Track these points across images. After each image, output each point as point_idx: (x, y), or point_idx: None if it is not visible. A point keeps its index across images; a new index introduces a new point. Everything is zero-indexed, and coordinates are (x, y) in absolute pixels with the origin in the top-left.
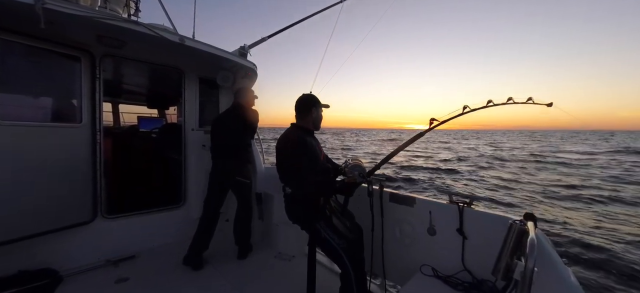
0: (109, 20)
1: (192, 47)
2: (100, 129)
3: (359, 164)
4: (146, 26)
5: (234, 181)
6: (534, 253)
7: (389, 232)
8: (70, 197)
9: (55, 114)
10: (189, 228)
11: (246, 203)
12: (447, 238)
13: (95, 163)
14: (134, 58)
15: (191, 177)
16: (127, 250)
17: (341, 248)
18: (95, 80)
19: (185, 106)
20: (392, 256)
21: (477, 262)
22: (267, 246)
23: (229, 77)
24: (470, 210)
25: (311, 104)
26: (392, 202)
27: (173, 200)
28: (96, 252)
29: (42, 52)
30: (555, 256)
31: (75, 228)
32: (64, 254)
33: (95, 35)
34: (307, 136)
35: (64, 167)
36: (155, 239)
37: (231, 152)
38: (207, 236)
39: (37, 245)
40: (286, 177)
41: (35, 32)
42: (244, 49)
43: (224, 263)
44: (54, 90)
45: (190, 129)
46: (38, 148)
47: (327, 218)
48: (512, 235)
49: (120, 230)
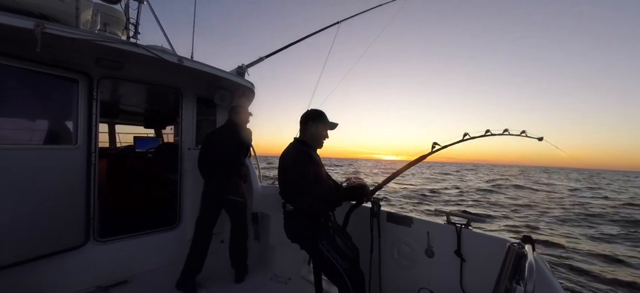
0: (109, 43)
1: (190, 67)
2: (95, 150)
3: (362, 184)
4: (145, 48)
5: (226, 200)
6: (534, 277)
7: (387, 252)
8: (62, 220)
9: (50, 136)
10: (185, 250)
11: (241, 222)
12: (445, 260)
13: (89, 186)
14: (132, 79)
15: (187, 196)
16: (120, 274)
17: (343, 269)
18: (93, 101)
19: (182, 125)
20: (390, 278)
21: (476, 285)
22: (262, 268)
23: (227, 96)
24: (467, 231)
25: (309, 117)
26: (390, 221)
27: (168, 221)
28: (87, 277)
29: (40, 75)
30: (553, 280)
31: (66, 253)
32: (54, 279)
33: (94, 58)
34: (310, 150)
35: (57, 190)
36: (149, 262)
37: (224, 171)
38: (200, 258)
39: (27, 270)
40: (289, 192)
41: (33, 56)
42: (241, 68)
43: (219, 286)
44: (50, 112)
45: (187, 148)
46: (31, 171)
47: (330, 237)
48: (510, 258)
49: (113, 254)
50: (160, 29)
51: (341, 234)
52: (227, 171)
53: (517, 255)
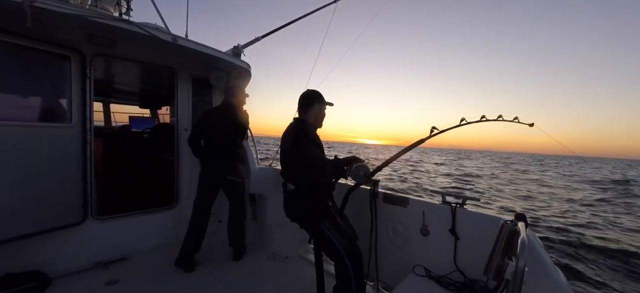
0: (100, 19)
1: (185, 46)
2: (90, 128)
3: (363, 165)
4: (138, 25)
5: (225, 180)
6: (525, 253)
7: (383, 232)
8: (59, 198)
9: (44, 114)
10: (182, 229)
11: (239, 203)
12: (440, 239)
13: (85, 164)
14: (125, 57)
15: (184, 177)
16: (118, 251)
17: (343, 248)
18: (86, 79)
19: (178, 106)
20: (386, 257)
21: (469, 262)
22: (260, 247)
23: (223, 76)
24: (462, 210)
25: (313, 98)
26: (386, 202)
27: (166, 200)
28: (86, 253)
29: (31, 51)
30: (545, 256)
31: (64, 230)
32: (53, 256)
33: (85, 34)
34: (312, 129)
35: (53, 168)
36: (147, 240)
37: (221, 152)
38: (199, 237)
39: (25, 247)
40: (291, 171)
41: (23, 30)
42: (237, 48)
43: (217, 264)
44: (43, 90)
45: (183, 129)
46: (27, 148)
47: (330, 217)
48: (503, 235)
49: (112, 232)
50: (153, 7)
51: (340, 215)
52: (223, 152)
53: (510, 232)
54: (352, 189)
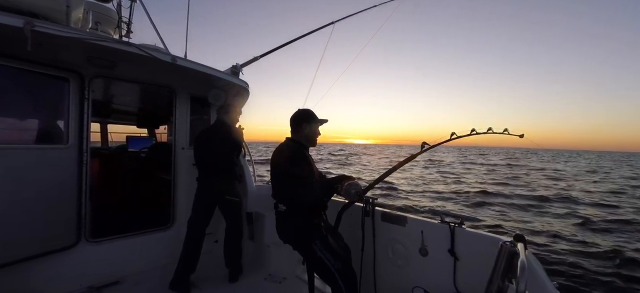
0: (100, 42)
1: (184, 66)
2: (87, 149)
3: (355, 183)
4: (138, 47)
5: (222, 200)
6: (525, 275)
7: (382, 252)
8: (53, 220)
9: (40, 135)
10: (179, 250)
11: (236, 222)
12: (439, 259)
13: (80, 185)
14: (124, 78)
15: (181, 197)
16: (112, 275)
17: (336, 269)
18: (84, 101)
19: (176, 125)
20: (385, 277)
21: (469, 284)
22: (257, 267)
23: (221, 95)
24: (461, 230)
25: (302, 118)
26: (384, 221)
27: (162, 221)
28: (78, 278)
29: (30, 74)
30: (545, 278)
31: (57, 253)
32: (44, 281)
33: (85, 57)
34: (303, 150)
35: (47, 190)
36: (142, 263)
37: (217, 171)
38: (194, 258)
39: (17, 271)
40: (282, 191)
41: (23, 54)
42: (236, 67)
43: (213, 286)
44: (41, 111)
45: (181, 148)
46: (20, 170)
47: (322, 237)
48: (502, 256)
49: (105, 254)
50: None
51: (333, 234)
52: (218, 170)
53: (509, 253)
54: (345, 207)
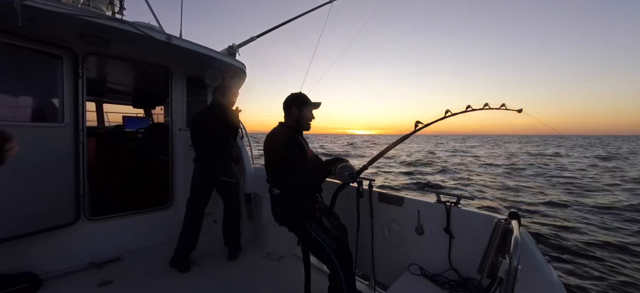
0: (93, 18)
1: (179, 45)
2: (83, 128)
3: (348, 165)
4: (131, 25)
5: (220, 182)
6: (518, 251)
7: (378, 232)
8: (51, 198)
9: (36, 114)
10: (177, 229)
11: (234, 202)
12: (435, 238)
13: (78, 164)
14: (119, 56)
15: (179, 177)
16: (112, 252)
17: (331, 248)
18: (78, 78)
19: (172, 106)
20: (381, 256)
21: (464, 261)
22: (255, 247)
23: (218, 76)
24: (457, 209)
25: (291, 102)
26: (381, 201)
27: (160, 201)
28: (79, 254)
29: (22, 50)
30: (538, 254)
31: (56, 231)
32: (45, 257)
33: (78, 33)
34: (295, 133)
35: (45, 168)
36: (141, 241)
37: (214, 153)
38: (193, 237)
39: (17, 248)
40: (275, 176)
41: (14, 29)
42: (232, 48)
43: (212, 264)
44: (35, 89)
45: (178, 129)
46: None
47: (317, 219)
48: (497, 233)
49: (105, 232)
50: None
51: (328, 215)
52: (214, 152)
53: (503, 230)
54: (340, 189)
